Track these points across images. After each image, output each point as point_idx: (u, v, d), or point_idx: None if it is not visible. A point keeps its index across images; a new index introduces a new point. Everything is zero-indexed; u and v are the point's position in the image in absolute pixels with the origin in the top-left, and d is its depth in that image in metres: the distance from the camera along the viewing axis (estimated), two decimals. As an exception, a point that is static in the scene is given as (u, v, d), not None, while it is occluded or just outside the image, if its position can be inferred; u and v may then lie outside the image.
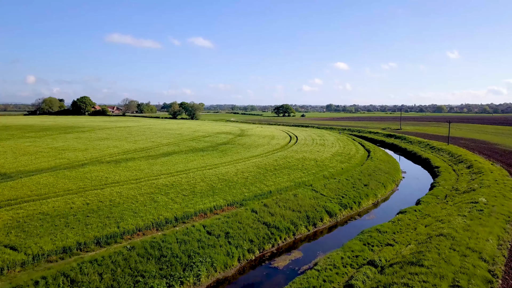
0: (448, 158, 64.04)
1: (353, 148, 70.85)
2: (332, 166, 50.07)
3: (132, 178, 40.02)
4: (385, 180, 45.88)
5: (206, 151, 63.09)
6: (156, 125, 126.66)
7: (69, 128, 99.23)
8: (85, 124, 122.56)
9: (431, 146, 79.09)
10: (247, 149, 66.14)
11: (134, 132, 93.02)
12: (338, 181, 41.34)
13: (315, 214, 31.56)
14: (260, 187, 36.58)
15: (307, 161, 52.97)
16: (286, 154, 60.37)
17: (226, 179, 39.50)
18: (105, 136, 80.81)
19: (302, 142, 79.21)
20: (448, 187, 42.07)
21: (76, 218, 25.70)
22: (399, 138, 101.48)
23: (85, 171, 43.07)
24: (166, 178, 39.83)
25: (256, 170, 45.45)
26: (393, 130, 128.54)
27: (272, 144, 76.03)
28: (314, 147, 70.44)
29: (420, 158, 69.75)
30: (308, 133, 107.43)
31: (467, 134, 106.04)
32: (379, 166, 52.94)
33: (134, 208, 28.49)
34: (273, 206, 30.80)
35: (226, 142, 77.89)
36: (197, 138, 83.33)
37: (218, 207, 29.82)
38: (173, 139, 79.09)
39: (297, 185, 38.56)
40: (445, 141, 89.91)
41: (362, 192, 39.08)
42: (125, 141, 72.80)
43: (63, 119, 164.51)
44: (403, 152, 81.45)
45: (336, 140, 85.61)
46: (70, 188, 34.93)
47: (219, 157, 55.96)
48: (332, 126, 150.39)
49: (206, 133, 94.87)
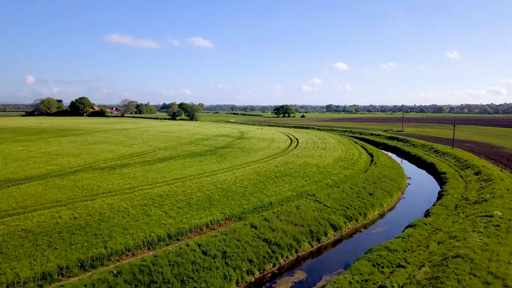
0: (454, 163, 62.05)
1: (355, 152, 68.84)
2: (335, 173, 48.06)
3: (126, 187, 38.01)
4: (391, 188, 43.87)
5: (204, 155, 61.08)
6: (154, 127, 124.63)
7: (65, 131, 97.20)
8: (81, 126, 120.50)
9: (435, 150, 77.10)
10: (246, 154, 64.14)
11: (131, 135, 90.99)
12: (342, 190, 39.34)
13: (319, 228, 29.56)
14: (260, 197, 34.57)
15: (309, 167, 50.96)
16: (287, 159, 58.37)
17: (224, 188, 37.49)
18: (101, 140, 78.76)
19: (303, 146, 77.20)
20: (457, 196, 40.07)
21: (60, 237, 23.68)
22: (401, 140, 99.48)
23: (77, 179, 41.06)
24: (161, 187, 37.83)
25: (256, 177, 43.44)
26: (395, 132, 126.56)
27: (273, 147, 74.04)
28: (316, 151, 68.43)
29: (424, 163, 67.76)
30: (309, 135, 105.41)
31: (471, 136, 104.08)
32: (384, 172, 50.95)
33: (125, 223, 26.47)
34: (274, 220, 28.79)
35: (225, 145, 75.88)
36: (195, 141, 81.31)
37: (215, 222, 27.81)
38: (171, 143, 77.06)
39: (299, 195, 36.55)
40: (449, 144, 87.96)
41: (367, 202, 37.08)
42: (121, 145, 70.76)
43: (60, 121, 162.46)
44: (407, 156, 79.48)
45: (338, 144, 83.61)
46: (59, 198, 32.92)
47: (218, 163, 53.95)
48: (333, 128, 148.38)
49: (205, 136, 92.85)
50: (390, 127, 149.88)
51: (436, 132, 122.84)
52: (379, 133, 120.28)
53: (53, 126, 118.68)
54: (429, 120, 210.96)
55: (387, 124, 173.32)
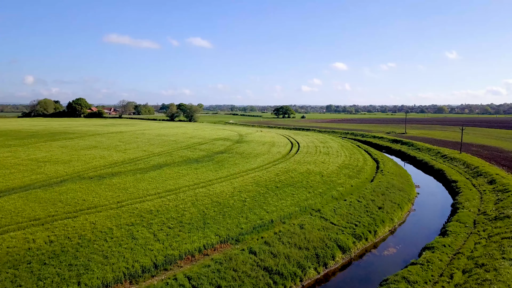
0: (464, 170, 58.93)
1: (360, 158, 65.68)
2: (340, 182, 44.89)
3: (113, 200, 34.83)
4: (400, 199, 40.72)
5: (201, 162, 57.89)
6: (151, 130, 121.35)
7: (58, 134, 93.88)
8: (76, 129, 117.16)
9: (443, 155, 73.96)
10: (245, 160, 60.96)
11: (126, 139, 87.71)
12: (349, 203, 36.19)
13: (326, 251, 26.39)
14: (260, 214, 31.40)
15: (312, 176, 47.80)
16: (289, 166, 55.20)
17: (220, 203, 34.32)
18: (94, 144, 75.49)
19: (305, 151, 74.03)
20: (473, 210, 36.93)
21: (29, 268, 20.51)
22: (406, 144, 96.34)
23: (61, 191, 37.88)
24: (152, 201, 34.67)
25: (255, 188, 40.27)
26: (398, 134, 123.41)
27: (273, 152, 70.86)
28: (318, 157, 65.26)
29: (432, 169, 64.61)
30: (310, 138, 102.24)
31: (477, 139, 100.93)
32: (392, 181, 47.81)
33: (106, 249, 23.29)
34: (275, 244, 25.63)
35: (223, 150, 72.68)
36: (193, 145, 78.09)
37: (209, 246, 24.65)
38: (167, 147, 73.82)
39: (303, 210, 33.41)
40: (455, 147, 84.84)
41: (377, 218, 33.93)
42: (114, 150, 67.52)
43: (55, 123, 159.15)
44: (412, 161, 76.33)
45: (341, 148, 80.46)
46: (38, 216, 29.75)
47: (215, 170, 50.77)
48: (334, 130, 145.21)
49: (202, 140, 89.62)
50: (392, 129, 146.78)
51: (440, 134, 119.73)
52: (382, 136, 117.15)
53: (46, 128, 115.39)
54: (431, 121, 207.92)
55: (389, 125, 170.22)
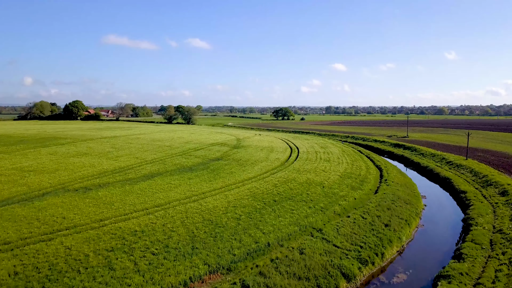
0: (472, 178, 56.06)
1: (362, 166, 62.76)
2: (343, 195, 41.95)
3: (96, 218, 31.87)
4: (408, 214, 37.78)
5: (195, 170, 54.96)
6: (146, 134, 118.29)
7: (49, 140, 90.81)
8: (69, 133, 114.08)
9: (448, 161, 71.09)
10: (242, 167, 58.05)
11: (119, 144, 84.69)
12: (353, 221, 33.25)
13: (329, 281, 23.43)
14: (255, 235, 28.44)
15: (312, 187, 44.86)
16: (288, 175, 52.28)
17: (212, 221, 31.38)
18: (85, 151, 72.47)
19: (305, 157, 71.12)
20: (488, 227, 34.00)
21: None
22: (408, 149, 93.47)
23: (41, 207, 34.93)
24: (138, 219, 31.73)
25: (251, 203, 37.34)
26: (400, 138, 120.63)
27: (271, 159, 67.94)
28: (319, 164, 62.35)
29: (438, 177, 61.74)
30: (310, 143, 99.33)
31: (481, 143, 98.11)
32: (397, 192, 44.90)
33: (77, 285, 20.32)
34: (272, 274, 22.67)
35: (220, 156, 69.74)
36: (188, 152, 75.12)
37: (196, 278, 21.71)
38: (160, 154, 70.85)
39: (303, 229, 30.47)
40: (460, 152, 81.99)
41: (384, 237, 30.98)
42: (105, 158, 64.53)
43: (50, 126, 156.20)
44: (416, 167, 73.48)
45: (342, 154, 77.56)
46: (8, 239, 26.77)
47: (209, 181, 47.83)
48: (334, 133, 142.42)
49: (199, 145, 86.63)
50: (394, 132, 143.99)
51: (443, 138, 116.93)
52: (384, 140, 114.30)
53: (39, 133, 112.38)
54: (433, 124, 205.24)
55: (390, 129, 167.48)
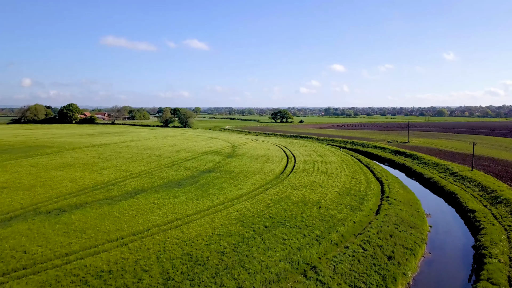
0: (479, 193, 52.39)
1: (362, 179, 58.98)
2: (341, 218, 38.16)
3: (62, 251, 28.08)
4: (413, 242, 34.02)
5: (183, 185, 51.20)
6: (138, 140, 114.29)
7: (35, 148, 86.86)
8: (58, 140, 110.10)
9: (452, 172, 67.41)
10: (234, 181, 54.30)
11: (106, 153, 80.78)
12: (352, 253, 29.47)
13: None
14: (240, 278, 24.65)
15: (308, 208, 41.10)
16: (282, 191, 48.53)
17: (192, 256, 27.59)
18: (69, 162, 68.60)
19: (301, 168, 67.38)
20: (504, 260, 30.25)
21: None
22: (410, 156, 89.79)
23: (3, 236, 31.34)
24: (109, 252, 27.98)
25: (239, 229, 33.58)
26: (401, 144, 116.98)
27: (266, 170, 64.19)
28: (316, 177, 58.61)
29: (442, 190, 58.07)
30: (308, 150, 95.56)
31: (485, 150, 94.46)
32: (400, 213, 41.15)
33: None
34: (254, 336, 18.89)
35: (212, 168, 65.97)
36: (178, 162, 71.28)
37: None
38: (149, 165, 67.01)
39: (295, 267, 26.69)
40: (464, 161, 78.45)
41: (387, 274, 27.21)
42: (88, 171, 60.67)
43: (41, 131, 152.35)
44: (419, 178, 69.79)
45: (341, 164, 73.82)
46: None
47: (196, 199, 44.06)
48: (332, 138, 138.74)
49: (191, 154, 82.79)
50: (394, 137, 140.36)
51: (445, 144, 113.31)
52: (384, 146, 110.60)
53: (27, 140, 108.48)
54: (434, 128, 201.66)
55: (390, 133, 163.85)
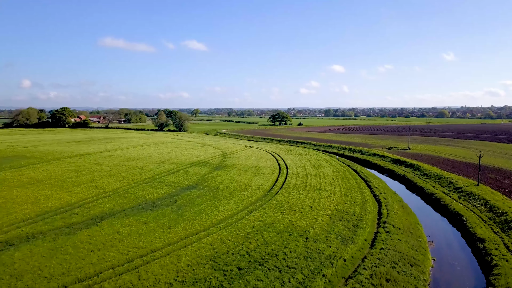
0: (488, 215, 47.05)
1: (358, 197, 53.63)
2: (330, 254, 32.77)
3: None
4: (413, 286, 28.67)
5: (157, 207, 45.95)
6: (124, 149, 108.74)
7: (9, 160, 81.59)
8: (40, 148, 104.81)
9: (456, 186, 62.04)
10: (215, 202, 49.05)
11: (85, 166, 75.39)
12: (339, 310, 24.13)
13: None
14: None
15: (293, 240, 35.75)
16: (267, 215, 43.22)
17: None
18: (40, 177, 63.31)
19: (293, 182, 62.08)
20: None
21: None
22: (410, 167, 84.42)
23: None
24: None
25: (207, 273, 28.27)
26: (401, 151, 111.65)
27: (254, 186, 58.92)
28: (307, 195, 53.33)
29: (446, 209, 52.79)
30: (302, 160, 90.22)
31: (490, 159, 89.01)
32: (399, 246, 35.79)
33: None
34: None
35: (195, 183, 60.71)
36: (159, 176, 65.95)
37: None
38: (126, 180, 61.71)
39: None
40: (468, 172, 73.22)
41: None
42: (58, 189, 55.39)
43: (27, 137, 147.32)
44: (420, 193, 64.48)
45: (336, 177, 68.49)
46: None
47: (167, 227, 38.77)
48: (330, 144, 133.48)
49: (176, 166, 77.45)
50: (394, 143, 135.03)
51: (448, 151, 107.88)
52: (383, 153, 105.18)
53: (7, 148, 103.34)
54: (435, 132, 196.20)
55: (390, 138, 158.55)
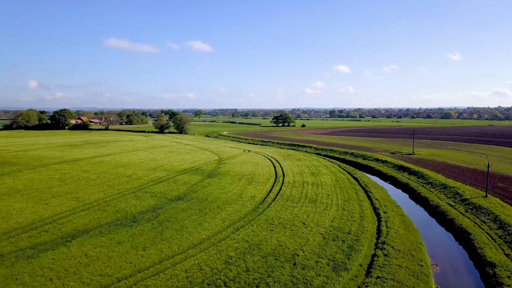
0: (498, 233, 42.79)
1: (356, 211, 49.61)
2: (318, 285, 28.83)
3: None
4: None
5: (137, 223, 42.36)
6: (118, 154, 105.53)
7: (-4, 166, 78.83)
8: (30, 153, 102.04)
9: (463, 198, 57.72)
10: (201, 216, 45.37)
11: (72, 173, 72.15)
12: None
13: None
14: None
15: (279, 266, 31.88)
16: (254, 234, 39.41)
17: None
18: (19, 187, 60.09)
19: (288, 193, 58.25)
20: None
21: None
22: (414, 174, 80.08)
23: None
24: None
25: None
26: (405, 155, 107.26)
27: (245, 197, 55.19)
28: (301, 209, 49.46)
29: (452, 224, 48.57)
30: (301, 166, 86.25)
31: (499, 166, 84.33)
32: (399, 274, 31.79)
33: None
34: None
35: (183, 193, 57.10)
36: (147, 186, 62.42)
37: None
38: (111, 191, 58.25)
39: None
40: (476, 181, 68.90)
41: None
42: (35, 200, 52.06)
43: (21, 140, 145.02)
44: (424, 204, 60.22)
45: (335, 186, 64.49)
46: None
47: (142, 248, 35.12)
48: (332, 148, 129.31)
49: (166, 173, 73.90)
50: (398, 147, 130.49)
51: (454, 156, 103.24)
52: (386, 159, 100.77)
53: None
54: (440, 134, 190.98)
55: (394, 141, 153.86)
